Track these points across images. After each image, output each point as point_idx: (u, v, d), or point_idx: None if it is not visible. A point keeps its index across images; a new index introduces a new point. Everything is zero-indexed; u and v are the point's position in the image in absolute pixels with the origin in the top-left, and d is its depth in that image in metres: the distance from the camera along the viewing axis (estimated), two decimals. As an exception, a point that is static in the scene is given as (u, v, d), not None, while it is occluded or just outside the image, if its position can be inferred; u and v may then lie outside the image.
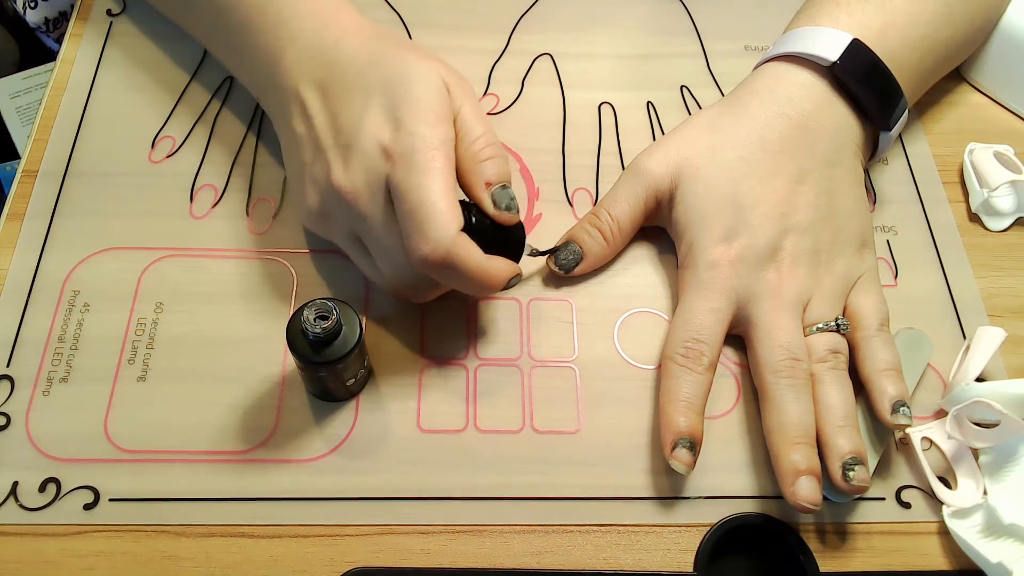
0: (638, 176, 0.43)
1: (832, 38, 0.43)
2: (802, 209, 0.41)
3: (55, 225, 0.43)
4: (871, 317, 0.41)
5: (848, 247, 0.42)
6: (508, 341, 0.42)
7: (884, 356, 0.40)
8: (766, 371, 0.39)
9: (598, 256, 0.43)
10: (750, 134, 0.42)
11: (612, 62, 0.52)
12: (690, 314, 0.40)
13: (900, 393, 0.38)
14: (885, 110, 0.43)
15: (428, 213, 0.34)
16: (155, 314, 0.41)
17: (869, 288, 0.42)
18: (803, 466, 0.36)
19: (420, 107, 0.36)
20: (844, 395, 0.39)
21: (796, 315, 0.40)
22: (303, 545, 0.36)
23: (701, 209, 0.42)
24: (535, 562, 0.37)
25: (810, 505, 0.36)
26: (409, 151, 0.35)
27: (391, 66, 0.37)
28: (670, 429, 0.38)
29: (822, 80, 0.43)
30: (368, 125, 0.36)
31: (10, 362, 0.39)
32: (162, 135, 0.47)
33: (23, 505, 0.36)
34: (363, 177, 0.36)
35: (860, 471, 0.36)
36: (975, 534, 0.37)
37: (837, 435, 0.37)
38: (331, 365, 0.36)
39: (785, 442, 0.37)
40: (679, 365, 0.39)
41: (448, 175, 0.35)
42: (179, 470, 0.37)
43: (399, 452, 0.39)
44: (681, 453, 0.37)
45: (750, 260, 0.40)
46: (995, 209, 0.48)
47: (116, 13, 0.51)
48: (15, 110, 0.69)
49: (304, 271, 0.43)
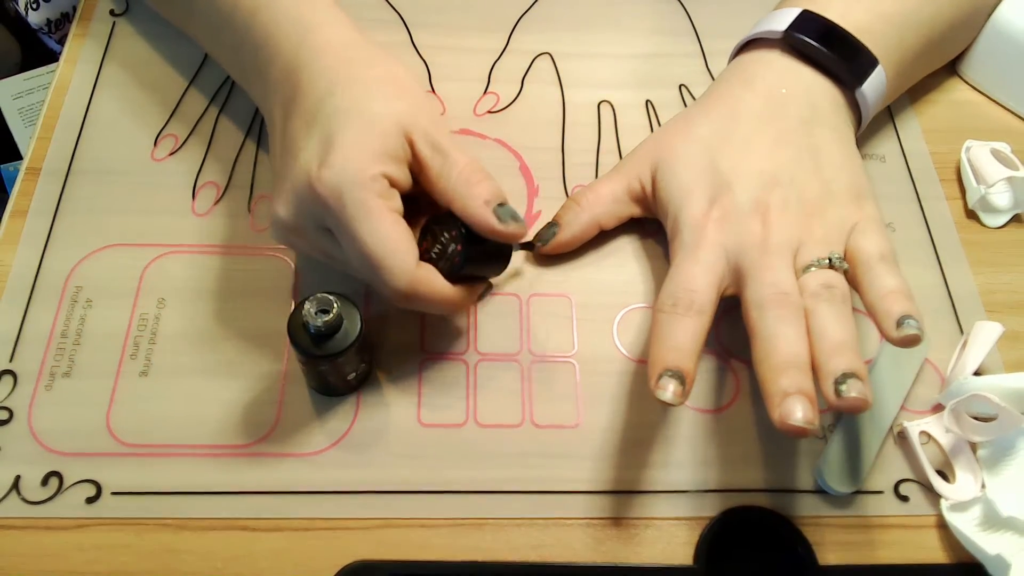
0: (620, 164, 0.45)
1: (785, 14, 0.44)
2: (783, 165, 0.41)
3: (58, 222, 0.43)
4: (869, 251, 0.38)
5: (840, 198, 0.40)
6: (508, 336, 0.42)
7: (888, 282, 0.36)
8: (752, 308, 0.37)
9: (572, 224, 0.43)
10: (722, 112, 0.43)
11: (611, 61, 0.53)
12: (676, 270, 0.38)
13: (906, 309, 0.35)
14: (849, 66, 0.43)
15: (378, 258, 0.34)
16: (157, 310, 0.41)
17: (869, 229, 0.39)
18: (792, 388, 0.33)
19: (352, 142, 0.35)
20: (839, 322, 0.36)
21: (785, 259, 0.38)
22: (304, 538, 0.36)
23: (680, 182, 0.41)
24: (535, 555, 0.37)
25: (800, 424, 0.32)
26: (335, 191, 0.34)
27: (344, 98, 0.36)
28: (655, 364, 0.34)
29: (778, 51, 0.44)
30: (303, 157, 0.35)
31: (13, 357, 0.40)
32: (164, 133, 0.47)
33: (25, 499, 0.36)
34: (296, 209, 0.36)
35: (854, 384, 0.33)
36: (973, 527, 0.37)
37: (829, 357, 0.34)
38: (332, 359, 0.36)
39: (771, 368, 0.34)
40: (667, 314, 0.36)
41: (385, 211, 0.34)
42: (181, 464, 0.38)
43: (400, 446, 0.39)
44: (668, 384, 0.33)
45: (733, 216, 0.39)
46: (992, 206, 0.48)
47: (118, 14, 0.52)
48: (17, 111, 0.69)
49: (305, 267, 0.43)
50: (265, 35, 0.40)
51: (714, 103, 0.44)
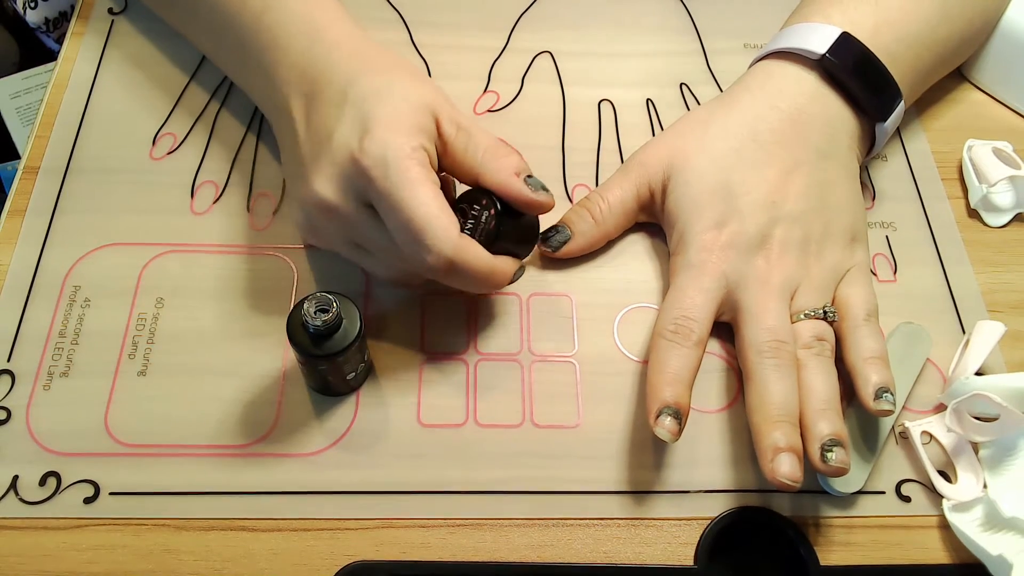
0: (631, 167, 0.44)
1: (822, 32, 0.43)
2: (793, 198, 0.41)
3: (56, 221, 0.43)
4: (858, 308, 0.40)
5: (838, 240, 0.42)
6: (508, 336, 0.42)
7: (869, 344, 0.39)
8: (751, 351, 0.39)
9: (586, 235, 0.43)
10: (741, 126, 0.43)
11: (612, 60, 0.53)
12: (680, 293, 0.40)
13: (884, 380, 0.38)
14: (877, 101, 0.43)
15: (422, 225, 0.34)
16: (156, 309, 0.41)
17: (858, 280, 0.41)
18: (783, 444, 0.36)
19: (390, 117, 0.35)
20: (827, 380, 0.38)
21: (784, 301, 0.40)
22: (303, 539, 0.36)
23: (692, 197, 0.42)
24: (535, 556, 0.37)
25: (789, 481, 0.35)
26: (380, 162, 0.34)
27: (372, 82, 0.37)
28: (655, 399, 0.37)
29: (812, 73, 0.44)
30: (339, 135, 0.36)
31: (11, 357, 0.39)
32: (163, 132, 0.47)
33: (23, 499, 0.36)
34: (337, 186, 0.36)
35: (839, 452, 0.36)
36: (975, 527, 0.37)
37: (818, 418, 0.37)
38: (331, 358, 0.36)
39: (766, 420, 0.37)
40: (668, 340, 0.38)
41: (428, 181, 0.35)
42: (179, 464, 0.37)
43: (399, 446, 0.39)
44: (666, 420, 0.36)
45: (739, 246, 0.40)
46: (994, 205, 0.48)
47: (117, 12, 0.51)
48: (15, 110, 0.69)
49: (304, 266, 0.43)
50: (273, 36, 0.40)
51: (734, 113, 0.43)
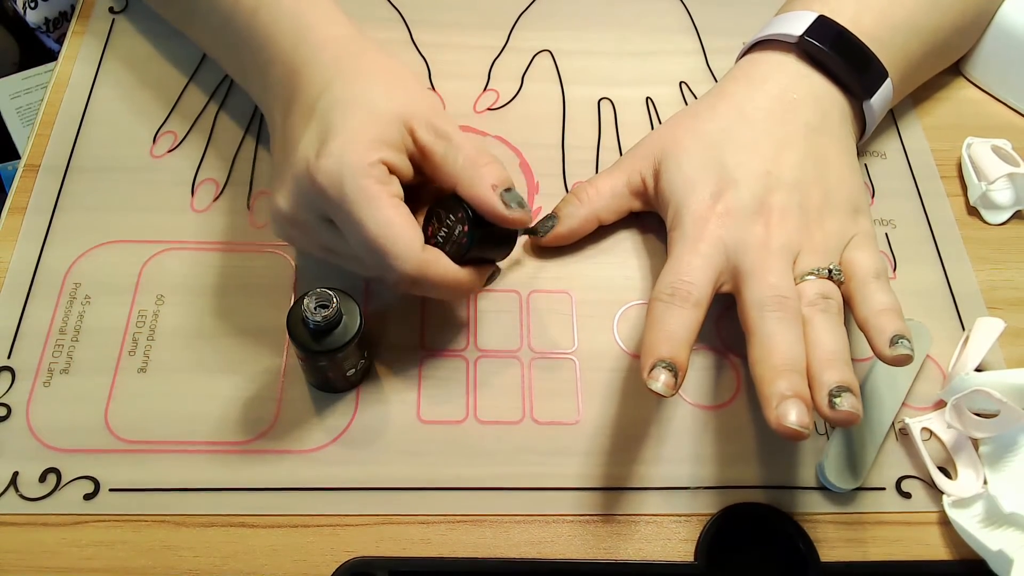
0: (623, 158, 0.45)
1: (802, 18, 0.44)
2: (788, 168, 0.41)
3: (56, 219, 0.43)
4: (867, 268, 0.39)
5: (839, 209, 0.41)
6: (508, 333, 0.42)
7: (881, 298, 0.37)
8: (752, 309, 0.37)
9: (573, 216, 0.44)
10: (730, 110, 0.43)
11: (611, 59, 0.53)
12: (676, 261, 0.38)
13: (899, 329, 0.36)
14: (860, 78, 0.43)
15: (381, 243, 0.34)
16: (156, 306, 0.41)
17: (865, 245, 0.40)
18: (788, 391, 0.34)
19: (351, 131, 0.35)
20: (835, 334, 0.36)
21: (786, 262, 0.38)
22: (303, 535, 0.36)
23: (685, 175, 0.41)
24: (535, 552, 0.37)
25: (797, 427, 0.33)
26: (335, 178, 0.34)
27: (342, 91, 0.36)
28: (649, 354, 0.35)
29: (793, 56, 0.44)
30: (301, 148, 0.35)
31: (11, 354, 0.39)
32: (164, 130, 0.47)
33: (23, 495, 0.36)
34: (295, 201, 0.36)
35: (848, 398, 0.34)
36: (976, 524, 0.37)
37: (824, 367, 0.35)
38: (331, 354, 0.36)
39: (770, 369, 0.35)
40: (664, 303, 0.37)
41: (386, 196, 0.34)
42: (179, 460, 0.37)
43: (399, 443, 0.39)
44: (660, 374, 0.34)
45: (736, 212, 0.39)
46: (993, 202, 0.48)
47: (118, 11, 0.52)
48: (15, 110, 0.69)
49: (304, 264, 0.43)
50: (265, 35, 0.40)
51: (722, 101, 0.44)
